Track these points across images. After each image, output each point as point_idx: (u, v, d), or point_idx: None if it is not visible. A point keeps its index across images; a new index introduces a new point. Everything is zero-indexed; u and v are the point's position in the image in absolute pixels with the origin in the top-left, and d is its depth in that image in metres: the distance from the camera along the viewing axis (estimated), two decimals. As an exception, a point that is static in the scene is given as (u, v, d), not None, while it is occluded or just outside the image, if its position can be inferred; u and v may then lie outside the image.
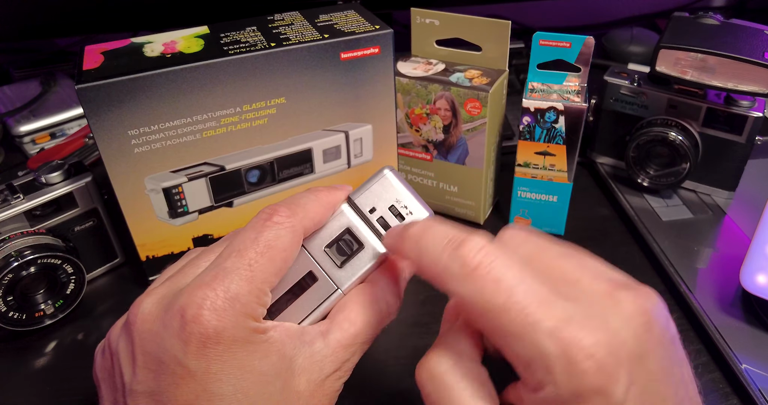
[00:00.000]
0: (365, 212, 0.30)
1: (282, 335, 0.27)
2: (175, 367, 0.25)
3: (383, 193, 0.30)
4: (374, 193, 0.30)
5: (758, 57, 0.46)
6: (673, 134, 0.51)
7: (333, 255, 0.30)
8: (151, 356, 0.26)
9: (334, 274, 0.30)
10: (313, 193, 0.30)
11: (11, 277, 0.41)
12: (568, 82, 0.48)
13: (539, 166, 0.49)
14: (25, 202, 0.43)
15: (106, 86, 0.37)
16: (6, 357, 0.43)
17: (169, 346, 0.25)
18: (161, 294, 0.27)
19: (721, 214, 0.53)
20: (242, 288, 0.26)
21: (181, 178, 0.42)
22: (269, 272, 0.27)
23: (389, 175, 0.30)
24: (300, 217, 0.28)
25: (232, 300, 0.25)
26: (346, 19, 0.44)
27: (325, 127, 0.45)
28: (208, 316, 0.25)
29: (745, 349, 0.40)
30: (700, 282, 0.46)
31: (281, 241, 0.27)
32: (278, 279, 0.28)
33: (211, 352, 0.25)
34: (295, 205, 0.28)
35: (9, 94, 0.67)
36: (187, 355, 0.25)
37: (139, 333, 0.26)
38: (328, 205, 0.30)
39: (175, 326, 0.25)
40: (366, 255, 0.30)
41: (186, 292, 0.26)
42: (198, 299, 0.25)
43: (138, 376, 0.26)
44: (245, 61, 0.39)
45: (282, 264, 0.27)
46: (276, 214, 0.28)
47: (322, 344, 0.28)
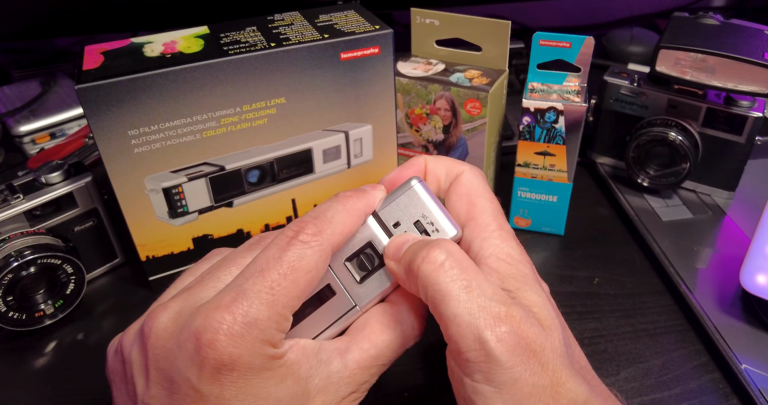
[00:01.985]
0: (389, 226, 0.29)
1: (298, 356, 0.26)
2: (187, 390, 0.25)
3: (409, 207, 0.29)
4: (400, 206, 0.29)
5: (758, 57, 0.46)
6: (673, 134, 0.51)
7: (353, 269, 0.29)
8: (164, 374, 0.25)
9: (353, 289, 0.29)
10: (341, 202, 0.28)
11: (11, 277, 0.41)
12: (568, 82, 0.48)
13: (539, 166, 0.49)
14: (25, 202, 0.43)
15: (106, 86, 0.37)
16: (6, 357, 0.43)
17: (182, 368, 0.25)
18: (178, 309, 0.26)
19: (720, 214, 0.53)
20: (262, 313, 0.25)
21: (181, 178, 0.42)
22: (291, 296, 0.25)
23: (417, 187, 0.29)
24: (328, 235, 0.27)
25: (250, 325, 0.24)
26: (346, 19, 0.44)
27: (325, 127, 0.45)
28: (225, 342, 0.24)
29: (745, 349, 0.40)
30: (700, 282, 0.46)
31: (306, 261, 0.26)
32: (301, 302, 0.26)
33: (225, 378, 0.24)
34: (323, 221, 0.27)
35: (9, 94, 0.67)
36: (201, 380, 0.24)
37: (153, 348, 0.26)
38: (357, 214, 0.28)
39: (190, 349, 0.24)
40: (388, 273, 0.29)
41: (203, 312, 0.25)
42: (215, 323, 0.24)
43: (151, 390, 0.26)
44: (245, 61, 0.39)
45: (306, 286, 0.26)
46: (302, 232, 0.26)
47: (340, 365, 0.27)
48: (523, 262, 0.29)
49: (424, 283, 0.26)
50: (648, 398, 0.39)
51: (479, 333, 0.25)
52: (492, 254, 0.28)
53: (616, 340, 0.43)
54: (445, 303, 0.25)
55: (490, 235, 0.29)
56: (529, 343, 0.25)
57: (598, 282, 0.48)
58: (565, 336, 0.27)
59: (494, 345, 0.24)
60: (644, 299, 0.46)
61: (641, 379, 0.40)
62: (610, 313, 0.45)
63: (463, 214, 0.30)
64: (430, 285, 0.26)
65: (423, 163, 0.32)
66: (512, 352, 0.25)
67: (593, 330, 0.44)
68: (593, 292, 0.47)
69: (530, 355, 0.25)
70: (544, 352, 0.25)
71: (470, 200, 0.30)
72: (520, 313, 0.25)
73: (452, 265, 0.26)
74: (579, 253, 0.51)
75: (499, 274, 0.27)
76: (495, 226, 0.29)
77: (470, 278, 0.26)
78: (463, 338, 0.25)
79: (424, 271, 0.26)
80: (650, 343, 0.42)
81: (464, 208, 0.30)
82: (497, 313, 0.25)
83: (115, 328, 0.28)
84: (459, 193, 0.30)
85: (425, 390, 0.39)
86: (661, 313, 0.45)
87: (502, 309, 0.25)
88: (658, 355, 0.42)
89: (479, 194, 0.30)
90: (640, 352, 0.42)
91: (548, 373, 0.25)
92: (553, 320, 0.27)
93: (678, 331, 0.43)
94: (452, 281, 0.26)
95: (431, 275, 0.26)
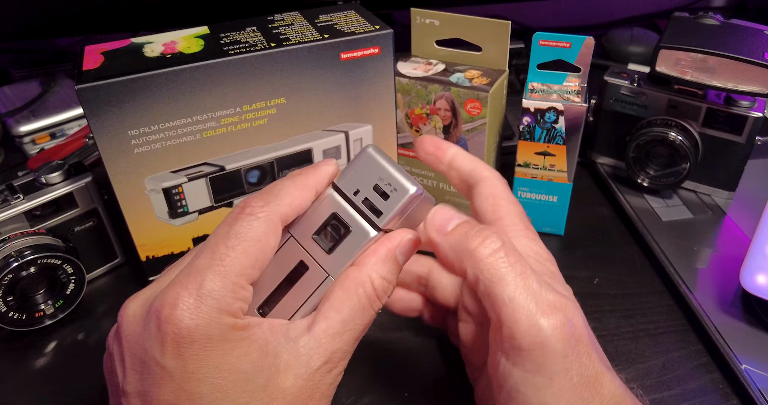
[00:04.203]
0: (350, 195, 0.29)
1: (265, 332, 0.27)
2: (155, 368, 0.25)
3: (366, 173, 0.29)
4: (357, 173, 0.29)
5: (758, 57, 0.46)
6: (673, 134, 0.51)
7: (321, 242, 0.29)
8: (136, 358, 0.26)
9: (325, 261, 0.29)
10: (290, 178, 0.29)
11: (11, 278, 0.41)
12: (568, 83, 0.48)
13: (539, 166, 0.49)
14: (25, 202, 0.43)
15: (106, 86, 0.37)
16: (6, 357, 0.43)
17: (148, 347, 0.25)
18: (145, 296, 0.27)
19: (721, 214, 0.53)
20: (215, 283, 0.25)
21: (181, 178, 0.42)
22: (244, 265, 0.26)
23: (371, 152, 0.29)
24: (275, 205, 0.27)
25: (205, 297, 0.25)
26: (346, 19, 0.44)
27: (325, 127, 0.45)
28: (181, 314, 0.25)
29: (745, 349, 0.40)
30: (700, 282, 0.46)
31: (254, 231, 0.26)
32: (258, 271, 0.27)
33: (186, 351, 0.25)
34: (269, 194, 0.28)
35: (9, 94, 0.67)
36: (164, 356, 0.25)
37: (126, 336, 0.26)
38: (307, 187, 0.29)
39: (153, 327, 0.25)
40: (354, 239, 0.29)
41: (162, 292, 0.26)
42: (171, 299, 0.25)
43: (127, 377, 0.26)
44: (245, 61, 0.39)
45: (259, 255, 0.27)
46: (248, 206, 0.27)
47: (308, 337, 0.27)
48: (551, 260, 0.30)
49: (480, 266, 0.27)
50: (648, 398, 0.39)
51: (535, 319, 0.25)
52: (522, 252, 0.29)
53: (616, 340, 0.43)
54: (501, 285, 0.26)
55: (518, 233, 0.30)
56: (579, 333, 0.26)
57: (598, 282, 0.48)
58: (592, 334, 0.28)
59: (550, 332, 0.25)
60: (644, 299, 0.46)
61: (641, 380, 0.40)
62: (610, 313, 0.45)
63: (489, 214, 0.31)
64: (487, 268, 0.27)
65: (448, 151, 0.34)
66: (567, 340, 0.25)
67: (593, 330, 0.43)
68: (593, 293, 0.47)
69: (580, 345, 0.26)
70: (589, 343, 0.26)
71: (495, 202, 0.32)
72: (570, 303, 0.27)
73: (508, 252, 0.27)
74: (579, 253, 0.51)
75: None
76: (522, 226, 0.31)
77: (525, 266, 0.27)
78: (518, 323, 0.25)
79: (481, 254, 0.27)
80: (650, 343, 0.42)
81: (490, 208, 0.31)
82: (552, 301, 0.26)
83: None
84: (484, 194, 0.32)
85: (426, 389, 0.39)
86: (661, 313, 0.45)
87: (556, 297, 0.26)
88: (658, 355, 0.42)
89: (504, 197, 0.32)
90: (640, 353, 0.42)
91: (593, 365, 0.26)
92: (582, 316, 0.28)
93: (678, 331, 0.43)
94: (509, 266, 0.27)
95: (488, 258, 0.27)
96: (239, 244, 0.26)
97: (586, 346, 0.26)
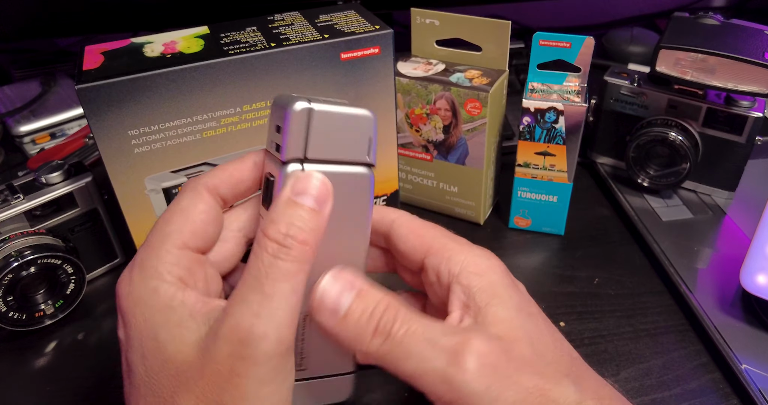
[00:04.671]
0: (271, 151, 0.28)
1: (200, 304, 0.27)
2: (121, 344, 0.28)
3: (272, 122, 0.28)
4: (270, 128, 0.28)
5: (758, 57, 0.46)
6: (673, 134, 0.51)
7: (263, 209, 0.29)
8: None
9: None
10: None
11: (11, 277, 0.41)
12: (568, 83, 0.48)
13: (539, 166, 0.49)
14: (25, 202, 0.43)
15: (106, 86, 0.37)
16: (6, 357, 0.43)
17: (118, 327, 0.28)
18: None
19: (721, 214, 0.53)
20: (148, 254, 0.27)
21: (181, 178, 0.42)
22: (166, 232, 0.28)
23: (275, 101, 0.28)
24: (201, 177, 0.29)
25: (137, 266, 0.27)
26: (346, 19, 0.44)
27: (325, 127, 0.45)
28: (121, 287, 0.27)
29: (745, 349, 0.40)
30: (700, 282, 0.46)
31: (177, 202, 0.29)
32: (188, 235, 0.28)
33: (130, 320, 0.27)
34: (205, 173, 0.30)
35: (9, 94, 0.67)
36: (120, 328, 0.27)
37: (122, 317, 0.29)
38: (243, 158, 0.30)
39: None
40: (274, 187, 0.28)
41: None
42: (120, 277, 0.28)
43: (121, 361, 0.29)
44: (245, 61, 0.39)
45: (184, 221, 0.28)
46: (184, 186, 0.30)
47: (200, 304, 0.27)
48: (491, 267, 0.29)
49: (376, 360, 0.26)
50: (648, 398, 0.39)
51: (442, 374, 0.25)
52: (462, 270, 0.29)
53: (616, 340, 0.43)
54: (401, 368, 0.26)
55: (451, 253, 0.29)
56: (494, 362, 0.25)
57: (598, 282, 0.48)
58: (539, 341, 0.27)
59: (461, 377, 0.25)
60: (644, 299, 0.46)
61: (641, 380, 0.40)
62: (611, 313, 0.45)
63: (420, 250, 0.30)
64: (383, 358, 0.26)
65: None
66: (479, 375, 0.25)
67: (593, 330, 0.44)
68: (593, 292, 0.47)
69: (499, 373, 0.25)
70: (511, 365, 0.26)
71: (416, 235, 0.31)
72: (475, 337, 0.26)
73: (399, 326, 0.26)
74: (579, 253, 0.51)
75: (469, 290, 0.28)
76: (451, 244, 0.30)
77: (418, 325, 0.26)
78: (432, 386, 0.25)
79: (373, 349, 0.26)
80: (650, 343, 0.42)
81: (416, 244, 0.31)
82: (452, 347, 0.25)
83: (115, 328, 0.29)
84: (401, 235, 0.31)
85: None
86: (661, 313, 0.45)
87: (455, 339, 0.26)
88: (658, 355, 0.42)
89: (419, 227, 0.31)
90: (640, 352, 0.42)
91: (524, 384, 0.25)
92: (517, 331, 0.27)
93: (678, 331, 0.43)
94: (401, 343, 0.26)
95: (380, 349, 0.26)
96: (164, 215, 0.28)
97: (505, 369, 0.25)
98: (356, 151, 0.28)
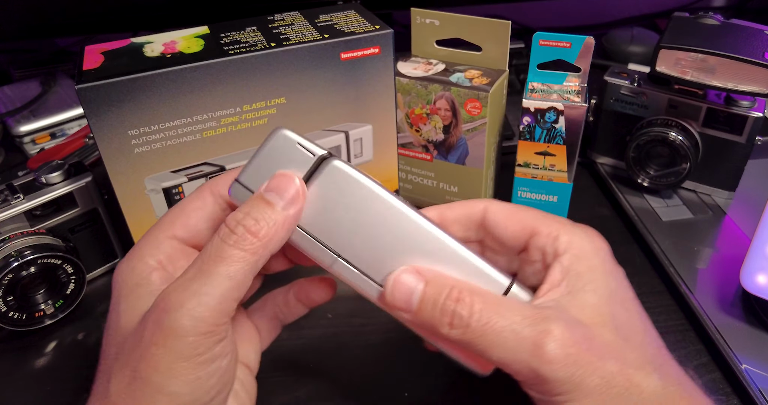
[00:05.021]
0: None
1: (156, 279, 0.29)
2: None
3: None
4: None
5: (758, 57, 0.46)
6: (673, 134, 0.51)
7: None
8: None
9: None
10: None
11: (11, 277, 0.41)
12: (568, 83, 0.48)
13: (539, 166, 0.49)
14: (25, 202, 0.43)
15: (106, 86, 0.37)
16: (6, 357, 0.43)
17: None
18: None
19: (721, 214, 0.53)
20: (139, 243, 0.30)
21: (181, 178, 0.42)
22: (161, 222, 0.30)
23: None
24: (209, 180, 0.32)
25: (130, 253, 0.30)
26: (346, 19, 0.44)
27: (326, 127, 0.45)
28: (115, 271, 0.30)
29: (745, 349, 0.40)
30: (700, 282, 0.46)
31: (183, 200, 0.31)
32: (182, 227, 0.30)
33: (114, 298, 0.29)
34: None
35: (9, 94, 0.67)
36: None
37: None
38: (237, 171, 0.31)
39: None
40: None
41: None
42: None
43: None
44: (245, 61, 0.39)
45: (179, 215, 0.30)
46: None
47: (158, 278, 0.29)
48: (594, 250, 0.30)
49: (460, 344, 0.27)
50: (648, 398, 0.39)
51: (527, 364, 0.26)
52: (566, 251, 0.29)
53: (616, 340, 0.43)
54: (486, 355, 0.27)
55: (558, 233, 0.30)
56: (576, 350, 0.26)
57: (598, 282, 0.48)
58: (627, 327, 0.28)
59: (545, 367, 0.26)
60: (644, 299, 0.46)
61: (641, 379, 0.40)
62: (610, 313, 0.45)
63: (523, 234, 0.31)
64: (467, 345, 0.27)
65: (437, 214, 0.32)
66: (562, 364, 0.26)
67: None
68: (593, 292, 0.47)
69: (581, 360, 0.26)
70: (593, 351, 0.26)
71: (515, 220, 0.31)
72: (556, 326, 0.26)
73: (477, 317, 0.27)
74: (579, 253, 0.51)
75: (568, 272, 0.29)
76: (556, 224, 0.31)
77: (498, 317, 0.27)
78: (518, 373, 0.26)
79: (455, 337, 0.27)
80: (650, 343, 0.42)
81: (517, 228, 0.31)
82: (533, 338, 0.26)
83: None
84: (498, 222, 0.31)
85: (426, 391, 0.39)
86: (661, 313, 0.45)
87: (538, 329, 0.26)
88: (658, 355, 0.42)
89: (516, 211, 0.31)
90: (640, 352, 0.42)
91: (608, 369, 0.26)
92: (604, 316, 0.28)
93: (678, 331, 0.43)
94: (482, 334, 0.26)
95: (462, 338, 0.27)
96: (169, 209, 0.31)
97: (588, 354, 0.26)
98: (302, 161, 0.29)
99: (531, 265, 0.31)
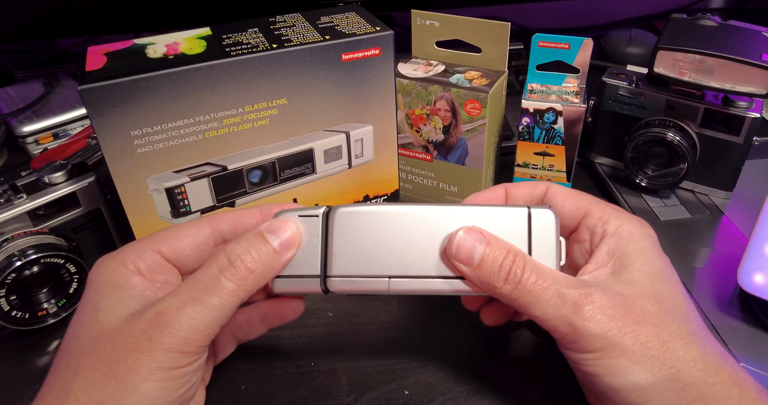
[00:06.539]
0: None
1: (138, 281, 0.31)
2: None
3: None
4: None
5: (756, 58, 0.46)
6: (671, 135, 0.52)
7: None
8: None
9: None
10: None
11: (14, 277, 0.41)
12: (567, 83, 0.48)
13: (538, 166, 0.49)
14: (28, 202, 0.44)
15: (108, 87, 0.37)
16: (9, 356, 0.43)
17: None
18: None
19: (718, 214, 0.53)
20: (126, 248, 0.32)
21: (183, 178, 0.42)
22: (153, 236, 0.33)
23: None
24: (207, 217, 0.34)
25: (115, 253, 0.32)
26: (347, 20, 0.44)
27: (327, 127, 0.45)
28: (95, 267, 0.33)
29: (743, 348, 0.40)
30: (698, 281, 0.46)
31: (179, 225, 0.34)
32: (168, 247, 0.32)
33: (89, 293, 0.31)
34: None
35: (12, 95, 0.68)
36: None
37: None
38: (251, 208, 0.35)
39: None
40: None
41: None
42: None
43: None
44: (247, 62, 0.40)
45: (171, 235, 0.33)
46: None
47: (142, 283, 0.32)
48: (643, 236, 0.32)
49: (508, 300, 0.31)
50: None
51: (567, 319, 0.29)
52: (615, 233, 0.32)
53: (614, 338, 0.43)
54: (529, 311, 0.30)
55: (610, 217, 0.33)
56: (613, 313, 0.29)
57: (597, 281, 0.48)
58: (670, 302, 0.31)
59: (582, 323, 0.29)
60: (643, 298, 0.46)
61: (639, 378, 0.40)
62: (609, 312, 0.45)
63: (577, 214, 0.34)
64: (514, 299, 0.30)
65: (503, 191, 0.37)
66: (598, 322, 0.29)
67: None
68: (592, 292, 0.47)
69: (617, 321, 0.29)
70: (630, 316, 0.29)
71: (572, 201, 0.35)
72: (596, 291, 0.29)
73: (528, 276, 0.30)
74: (578, 253, 0.51)
75: (615, 251, 0.32)
76: (609, 209, 0.34)
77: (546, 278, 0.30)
78: (557, 328, 0.30)
79: (506, 292, 0.30)
80: (648, 341, 0.43)
81: (572, 208, 0.34)
82: (576, 298, 0.29)
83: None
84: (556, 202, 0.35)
85: (426, 387, 0.39)
86: (660, 312, 0.45)
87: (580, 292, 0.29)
88: (656, 353, 0.42)
89: (573, 193, 0.35)
90: (638, 351, 0.42)
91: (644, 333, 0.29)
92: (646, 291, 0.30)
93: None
94: (530, 291, 0.30)
95: (512, 294, 0.30)
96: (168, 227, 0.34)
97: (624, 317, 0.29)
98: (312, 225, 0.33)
99: (580, 245, 0.34)
